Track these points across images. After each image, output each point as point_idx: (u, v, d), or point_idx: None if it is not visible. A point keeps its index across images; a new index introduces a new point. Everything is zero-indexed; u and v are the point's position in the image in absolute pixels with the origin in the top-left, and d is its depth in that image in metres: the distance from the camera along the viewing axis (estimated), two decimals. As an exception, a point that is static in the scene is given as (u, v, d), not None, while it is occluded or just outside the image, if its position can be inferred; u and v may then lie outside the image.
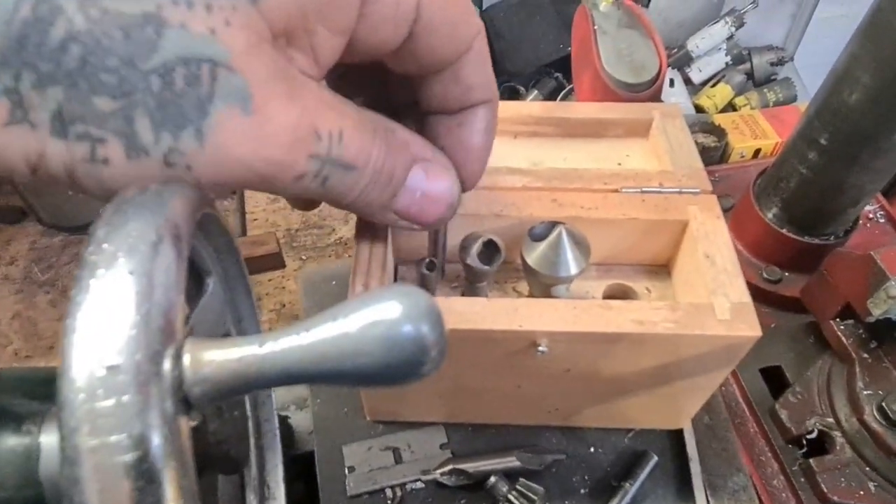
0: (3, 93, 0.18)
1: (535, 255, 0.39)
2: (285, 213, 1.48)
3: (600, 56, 0.53)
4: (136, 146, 0.19)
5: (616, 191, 0.43)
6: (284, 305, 1.25)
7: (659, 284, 0.44)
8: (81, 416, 0.14)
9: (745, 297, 0.38)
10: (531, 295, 0.44)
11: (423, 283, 0.41)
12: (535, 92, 1.19)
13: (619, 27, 0.54)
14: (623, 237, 0.43)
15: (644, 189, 0.43)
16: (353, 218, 0.38)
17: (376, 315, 0.17)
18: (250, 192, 1.35)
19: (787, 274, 0.72)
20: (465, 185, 0.30)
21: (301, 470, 0.51)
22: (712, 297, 0.37)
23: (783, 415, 0.61)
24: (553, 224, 0.40)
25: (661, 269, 0.46)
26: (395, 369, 0.17)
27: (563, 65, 1.14)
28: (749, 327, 0.36)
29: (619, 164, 0.48)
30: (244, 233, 1.37)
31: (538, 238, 0.40)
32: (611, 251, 0.44)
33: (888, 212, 0.79)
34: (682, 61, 0.97)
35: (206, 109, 0.19)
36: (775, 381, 0.64)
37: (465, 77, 0.27)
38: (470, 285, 0.43)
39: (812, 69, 1.06)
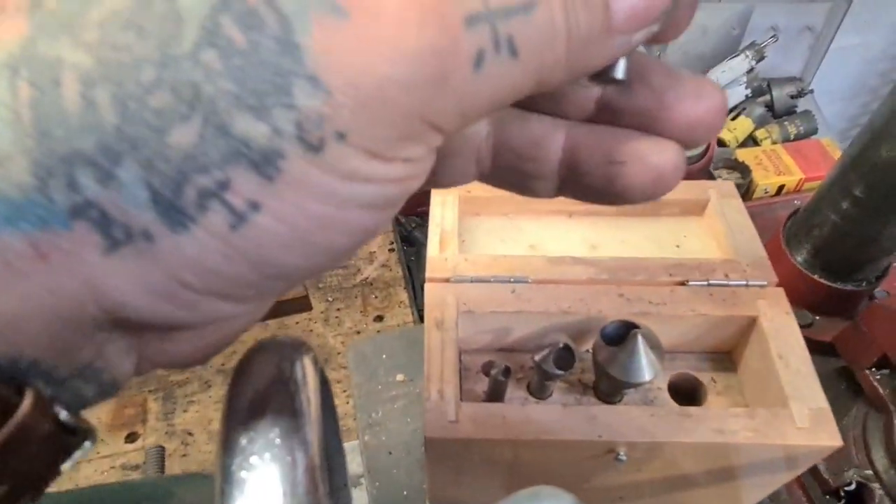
0: (74, 212, 0.13)
1: (609, 358, 0.39)
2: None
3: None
4: (262, 163, 0.13)
5: (683, 283, 0.43)
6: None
7: (724, 375, 0.45)
8: None
9: (823, 401, 0.38)
10: (596, 386, 0.44)
11: (496, 388, 0.41)
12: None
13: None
14: (690, 329, 0.43)
15: (711, 282, 0.42)
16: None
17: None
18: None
19: (817, 318, 0.72)
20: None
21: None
22: (790, 402, 0.38)
23: (820, 466, 0.62)
24: (626, 325, 0.40)
25: (725, 356, 0.46)
26: None
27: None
28: (829, 436, 0.36)
29: (678, 245, 0.48)
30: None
31: (611, 340, 0.40)
32: (677, 340, 0.44)
33: (915, 251, 0.80)
34: (703, 94, 0.97)
35: (295, 45, 0.13)
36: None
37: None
38: (539, 381, 0.43)
39: (829, 95, 1.07)
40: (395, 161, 0.15)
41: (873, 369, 0.63)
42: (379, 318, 1.36)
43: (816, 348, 0.70)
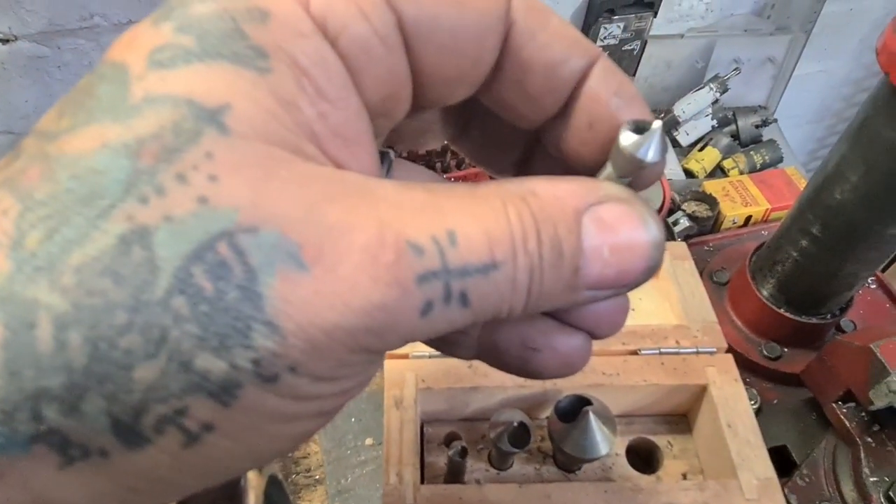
0: (34, 439, 0.13)
1: (563, 435, 0.40)
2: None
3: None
4: (219, 393, 0.14)
5: (635, 352, 0.44)
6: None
7: (680, 437, 0.46)
8: None
9: (770, 471, 0.39)
10: (555, 456, 0.45)
11: (453, 468, 0.42)
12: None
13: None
14: (644, 397, 0.44)
15: (662, 350, 0.44)
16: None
17: None
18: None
19: (786, 350, 0.74)
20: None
21: None
22: (739, 473, 0.39)
23: (792, 499, 0.63)
24: (579, 400, 0.41)
25: (681, 418, 0.47)
26: None
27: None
28: (776, 507, 0.37)
29: (633, 308, 0.49)
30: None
31: (565, 415, 0.41)
32: (631, 407, 0.45)
33: (879, 279, 0.82)
34: (670, 125, 0.99)
35: (257, 294, 0.14)
36: (781, 458, 0.66)
37: (536, 56, 0.18)
38: (498, 455, 0.44)
39: (795, 119, 1.08)
40: (342, 378, 0.16)
41: (839, 402, 0.64)
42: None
43: (785, 380, 0.72)
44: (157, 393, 0.14)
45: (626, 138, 0.17)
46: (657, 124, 0.17)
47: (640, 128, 0.17)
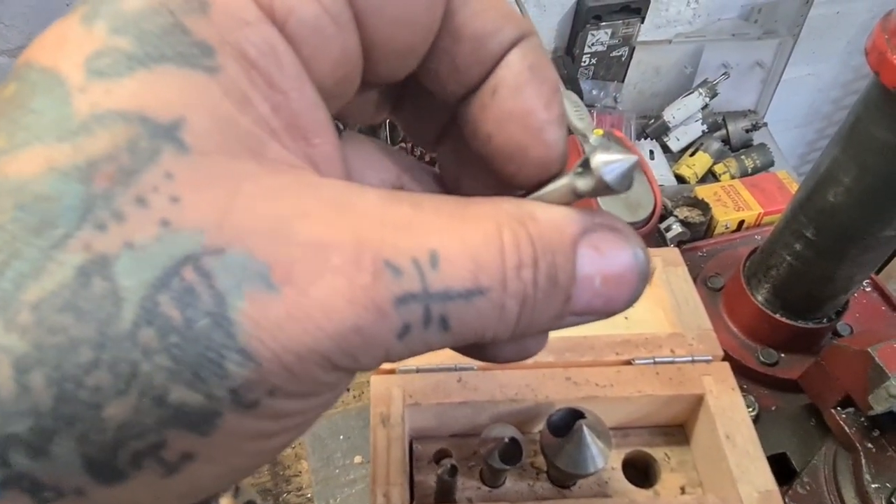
0: (4, 485, 0.13)
1: (556, 450, 0.39)
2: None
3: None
4: (198, 423, 0.13)
5: (629, 362, 0.43)
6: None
7: (677, 449, 0.44)
8: None
9: (771, 483, 0.38)
10: (548, 472, 0.43)
11: (442, 487, 0.40)
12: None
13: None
14: (639, 408, 0.43)
15: (657, 359, 0.42)
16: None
17: None
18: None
19: (783, 355, 0.73)
20: (541, 171, 0.18)
21: None
22: (738, 485, 0.37)
23: (794, 509, 0.61)
24: (572, 414, 0.39)
25: (678, 429, 0.46)
26: None
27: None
28: (778, 521, 0.36)
29: (626, 317, 0.48)
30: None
31: (558, 429, 0.39)
32: (627, 418, 0.44)
33: (874, 281, 0.81)
34: (660, 131, 0.98)
35: (227, 320, 0.13)
36: (781, 466, 0.65)
37: (467, 24, 0.18)
38: (490, 472, 0.42)
39: (784, 123, 1.08)
40: (317, 395, 0.15)
41: (839, 408, 0.63)
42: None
43: (783, 386, 0.71)
44: (131, 430, 0.13)
45: (599, 153, 0.16)
46: (634, 158, 0.17)
47: (609, 153, 0.17)
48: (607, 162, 0.16)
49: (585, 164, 0.17)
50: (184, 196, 0.13)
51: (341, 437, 0.55)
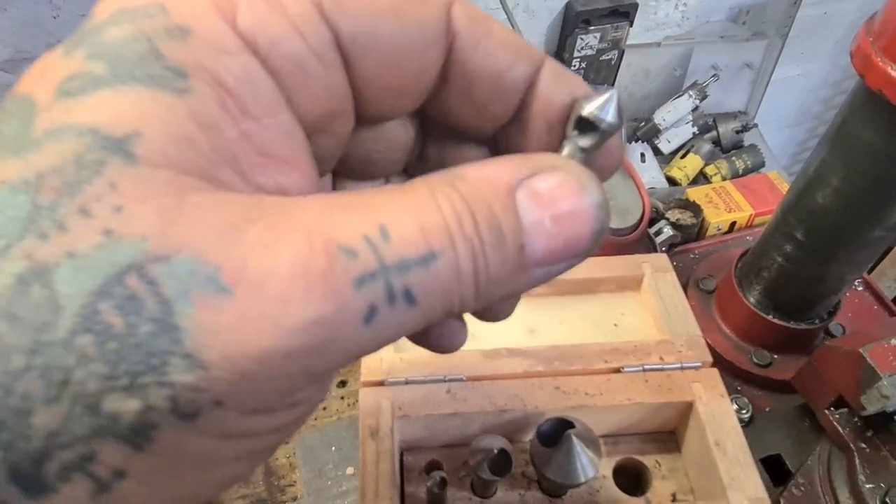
0: None
1: (546, 460, 0.39)
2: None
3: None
4: (131, 435, 0.13)
5: (618, 370, 0.42)
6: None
7: (669, 456, 0.44)
8: None
9: (761, 491, 0.37)
10: (539, 482, 0.43)
11: (433, 500, 0.40)
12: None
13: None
14: (629, 416, 0.43)
15: (646, 367, 0.42)
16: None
17: None
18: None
19: (776, 357, 0.73)
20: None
21: None
22: (728, 493, 0.37)
23: (789, 510, 0.61)
24: (562, 423, 0.39)
25: (669, 435, 0.45)
26: None
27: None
28: (769, 529, 0.36)
29: (616, 324, 0.48)
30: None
31: (548, 439, 0.39)
32: (616, 426, 0.44)
33: (866, 280, 0.81)
34: (651, 133, 0.98)
35: (173, 326, 0.13)
36: (776, 468, 0.65)
37: (481, 66, 0.18)
38: (480, 483, 0.42)
39: (775, 124, 1.08)
40: (279, 410, 0.15)
41: (832, 409, 0.63)
42: (342, 383, 1.31)
43: (777, 387, 0.71)
44: (60, 439, 0.13)
45: (584, 104, 0.17)
46: (613, 90, 0.17)
47: (590, 100, 0.17)
48: (598, 107, 0.17)
49: (579, 122, 0.17)
50: (127, 206, 0.13)
51: (333, 448, 0.55)
